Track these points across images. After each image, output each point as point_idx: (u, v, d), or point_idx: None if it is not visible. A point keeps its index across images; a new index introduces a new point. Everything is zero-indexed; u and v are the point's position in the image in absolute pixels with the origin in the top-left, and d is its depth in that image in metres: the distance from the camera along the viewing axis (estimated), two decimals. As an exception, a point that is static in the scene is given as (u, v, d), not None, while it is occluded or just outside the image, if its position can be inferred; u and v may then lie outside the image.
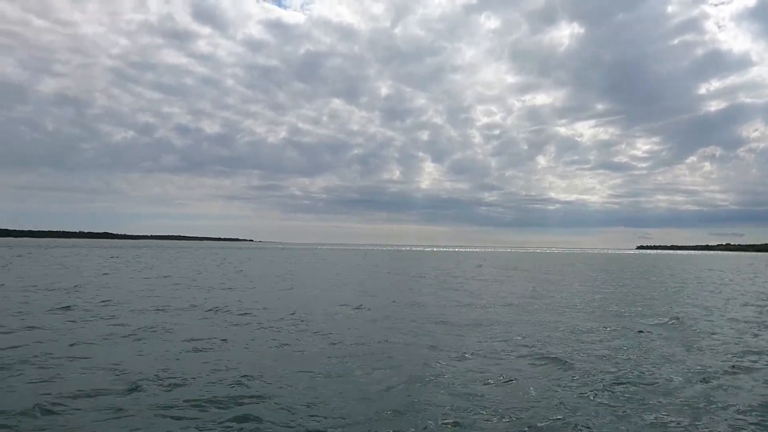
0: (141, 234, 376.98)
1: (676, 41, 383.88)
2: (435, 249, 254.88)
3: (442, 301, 23.19)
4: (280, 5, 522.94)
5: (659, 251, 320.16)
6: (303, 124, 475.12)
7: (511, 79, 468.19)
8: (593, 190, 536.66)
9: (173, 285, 29.20)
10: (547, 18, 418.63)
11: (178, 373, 10.06)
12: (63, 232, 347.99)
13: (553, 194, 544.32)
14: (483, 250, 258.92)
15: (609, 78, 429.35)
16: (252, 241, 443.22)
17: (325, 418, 7.84)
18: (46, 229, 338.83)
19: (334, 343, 13.27)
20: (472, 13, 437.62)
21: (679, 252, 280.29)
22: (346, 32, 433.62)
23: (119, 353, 11.75)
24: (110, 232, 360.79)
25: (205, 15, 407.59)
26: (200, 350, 12.27)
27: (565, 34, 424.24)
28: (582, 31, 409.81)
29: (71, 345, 12.49)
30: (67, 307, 18.76)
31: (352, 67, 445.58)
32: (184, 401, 8.45)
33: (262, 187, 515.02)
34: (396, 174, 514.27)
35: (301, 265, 56.20)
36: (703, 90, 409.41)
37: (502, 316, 18.83)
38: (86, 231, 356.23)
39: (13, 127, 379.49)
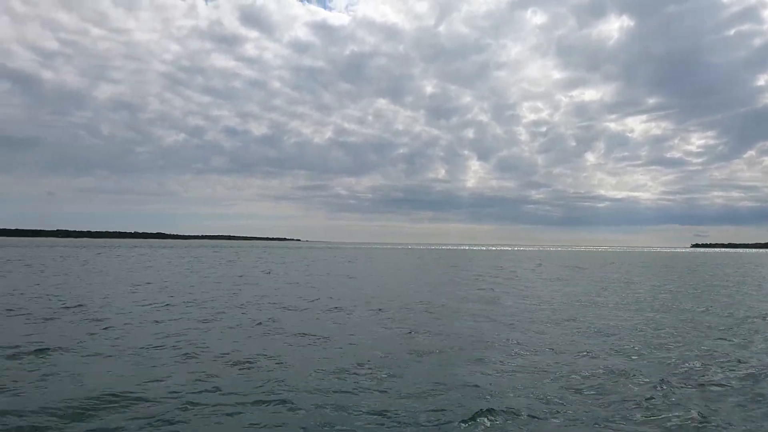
0: (192, 234, 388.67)
1: (732, 32, 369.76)
2: (483, 248, 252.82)
3: (537, 302, 23.37)
4: (325, 7, 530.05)
5: (716, 249, 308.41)
6: (348, 124, 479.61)
7: (558, 74, 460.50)
8: (645, 186, 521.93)
9: (308, 286, 30.26)
10: (595, 11, 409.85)
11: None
12: (119, 232, 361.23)
13: (602, 191, 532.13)
14: (532, 248, 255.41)
15: (661, 71, 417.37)
16: (299, 240, 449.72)
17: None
18: (103, 230, 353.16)
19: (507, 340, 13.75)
20: (518, 9, 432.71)
21: (737, 250, 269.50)
22: (390, 32, 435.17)
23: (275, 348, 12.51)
24: (163, 232, 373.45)
25: (253, 19, 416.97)
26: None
27: (615, 27, 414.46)
28: (632, 24, 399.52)
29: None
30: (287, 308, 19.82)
31: (397, 67, 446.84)
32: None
33: (309, 187, 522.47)
34: (441, 173, 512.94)
35: (375, 265, 57.05)
36: (761, 81, 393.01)
37: (614, 318, 18.91)
38: (141, 231, 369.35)
39: (73, 132, 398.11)
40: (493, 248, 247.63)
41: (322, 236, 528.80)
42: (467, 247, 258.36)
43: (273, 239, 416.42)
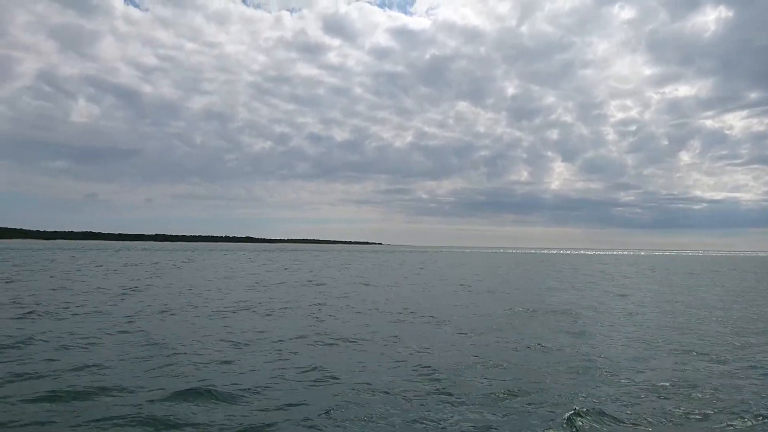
0: (278, 238, 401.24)
1: None
2: (571, 252, 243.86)
3: (703, 312, 21.56)
4: (405, 12, 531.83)
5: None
6: (429, 127, 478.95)
7: (648, 70, 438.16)
8: (746, 187, 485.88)
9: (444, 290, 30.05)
10: (688, 3, 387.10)
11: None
12: (211, 236, 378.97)
13: (698, 192, 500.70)
14: (625, 252, 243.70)
15: (763, 63, 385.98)
16: (380, 244, 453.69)
17: None
18: (197, 234, 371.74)
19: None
20: (605, 5, 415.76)
21: None
22: (471, 34, 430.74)
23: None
24: (251, 236, 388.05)
25: (335, 27, 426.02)
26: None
27: (711, 18, 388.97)
28: (730, 14, 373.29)
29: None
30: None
31: (478, 69, 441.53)
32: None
33: (390, 191, 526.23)
34: (524, 175, 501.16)
35: (473, 269, 56.00)
36: None
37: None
38: (230, 235, 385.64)
39: (169, 141, 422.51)
40: (582, 252, 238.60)
41: (402, 240, 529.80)
42: (557, 251, 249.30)
43: (355, 243, 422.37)
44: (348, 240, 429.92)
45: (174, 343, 12.76)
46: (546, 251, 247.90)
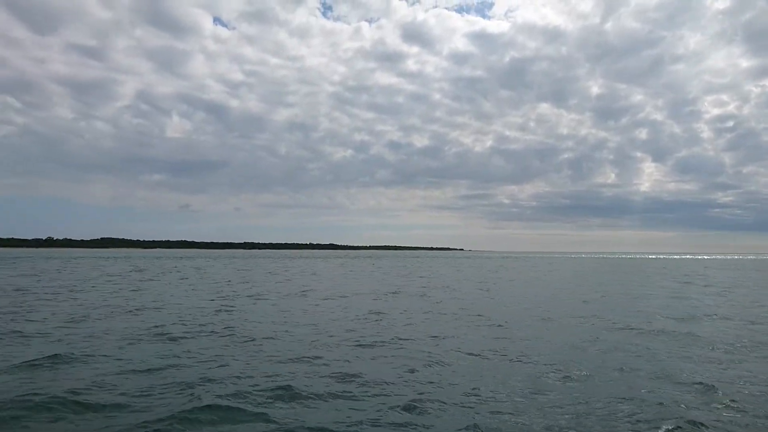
0: (360, 245, 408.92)
1: None
2: (667, 256, 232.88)
3: None
4: (484, 16, 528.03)
5: None
6: (509, 131, 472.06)
7: (745, 63, 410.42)
8: None
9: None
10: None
11: None
12: (296, 243, 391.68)
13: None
14: (730, 257, 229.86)
15: None
16: (462, 250, 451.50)
17: None
18: (282, 242, 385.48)
19: None
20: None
21: None
22: (552, 34, 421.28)
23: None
24: (335, 243, 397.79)
25: (413, 35, 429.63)
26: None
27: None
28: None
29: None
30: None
31: (560, 69, 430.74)
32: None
33: (470, 196, 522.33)
34: (611, 177, 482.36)
35: (585, 276, 56.06)
36: None
37: None
38: (314, 243, 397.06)
39: (256, 153, 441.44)
40: (680, 257, 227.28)
41: (484, 245, 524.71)
42: (654, 256, 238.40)
43: (436, 249, 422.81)
44: (429, 246, 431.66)
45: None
46: (639, 256, 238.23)
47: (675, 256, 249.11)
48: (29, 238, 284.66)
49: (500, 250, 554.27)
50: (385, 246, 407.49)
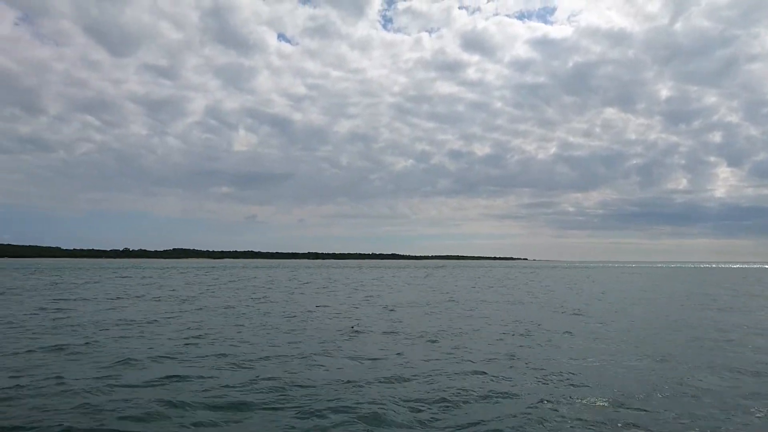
0: (423, 254, 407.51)
1: None
2: (746, 266, 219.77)
3: None
4: (546, 22, 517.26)
5: None
6: (574, 137, 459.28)
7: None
8: None
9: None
10: None
11: None
12: (359, 254, 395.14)
13: None
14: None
15: None
16: (526, 259, 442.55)
17: None
18: (345, 252, 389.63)
19: None
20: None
21: None
22: (617, 37, 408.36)
23: None
24: (397, 253, 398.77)
25: (474, 44, 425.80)
26: None
27: None
28: None
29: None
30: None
31: (626, 73, 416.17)
32: None
33: (534, 204, 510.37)
34: (682, 183, 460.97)
35: (682, 285, 53.79)
36: None
37: None
38: (377, 252, 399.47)
39: (318, 164, 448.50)
40: (758, 266, 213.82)
41: (549, 255, 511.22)
42: (738, 266, 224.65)
43: (500, 258, 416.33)
44: (492, 256, 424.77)
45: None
46: (715, 265, 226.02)
47: (755, 266, 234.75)
48: (108, 249, 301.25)
49: (566, 259, 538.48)
50: (448, 256, 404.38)
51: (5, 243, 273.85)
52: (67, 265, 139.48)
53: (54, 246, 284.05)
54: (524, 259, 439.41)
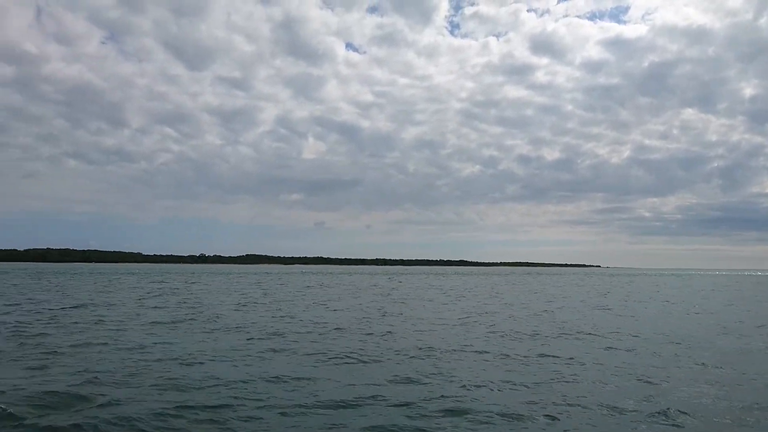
0: (491, 261, 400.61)
1: None
2: None
3: None
4: (618, 21, 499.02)
5: None
6: (650, 140, 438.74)
7: None
8: None
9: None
10: None
11: None
12: (426, 260, 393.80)
13: None
14: None
15: None
16: (599, 266, 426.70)
17: None
18: (413, 258, 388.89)
19: None
20: None
21: None
22: (696, 35, 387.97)
23: None
24: (465, 259, 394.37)
25: (543, 47, 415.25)
26: None
27: None
28: None
29: None
30: None
31: (706, 72, 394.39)
32: None
33: (607, 210, 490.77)
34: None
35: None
36: None
37: None
38: (444, 259, 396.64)
39: (385, 171, 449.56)
40: None
41: (624, 262, 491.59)
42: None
43: (572, 265, 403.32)
44: (564, 263, 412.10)
45: None
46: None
47: None
48: (185, 255, 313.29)
49: (642, 266, 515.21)
50: (517, 262, 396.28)
51: (92, 249, 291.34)
52: (171, 269, 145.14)
53: (135, 251, 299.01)
54: (597, 266, 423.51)
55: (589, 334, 19.85)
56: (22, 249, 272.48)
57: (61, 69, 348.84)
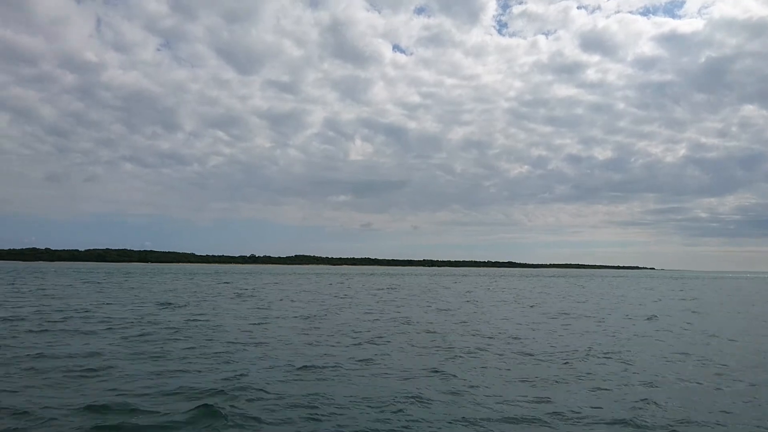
0: (540, 263, 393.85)
1: None
2: None
3: None
4: (673, 16, 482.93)
5: None
6: (706, 138, 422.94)
7: None
8: None
9: None
10: None
11: None
12: (474, 261, 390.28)
13: None
14: None
15: None
16: (653, 269, 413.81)
17: None
18: (460, 259, 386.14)
19: None
20: None
21: None
22: (757, 28, 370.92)
23: None
24: (514, 261, 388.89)
25: (594, 44, 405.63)
26: None
27: None
28: None
29: None
30: None
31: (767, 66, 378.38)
32: None
33: (661, 210, 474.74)
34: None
35: None
36: None
37: None
38: (492, 260, 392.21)
39: (432, 172, 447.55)
40: None
41: (679, 264, 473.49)
42: None
43: (623, 267, 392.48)
44: (614, 264, 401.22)
45: None
46: None
47: None
48: (236, 255, 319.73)
49: (699, 269, 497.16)
50: (567, 264, 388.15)
51: (148, 249, 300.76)
52: (228, 270, 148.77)
53: (189, 252, 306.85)
54: (651, 268, 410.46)
55: None
56: (83, 249, 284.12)
57: (118, 76, 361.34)
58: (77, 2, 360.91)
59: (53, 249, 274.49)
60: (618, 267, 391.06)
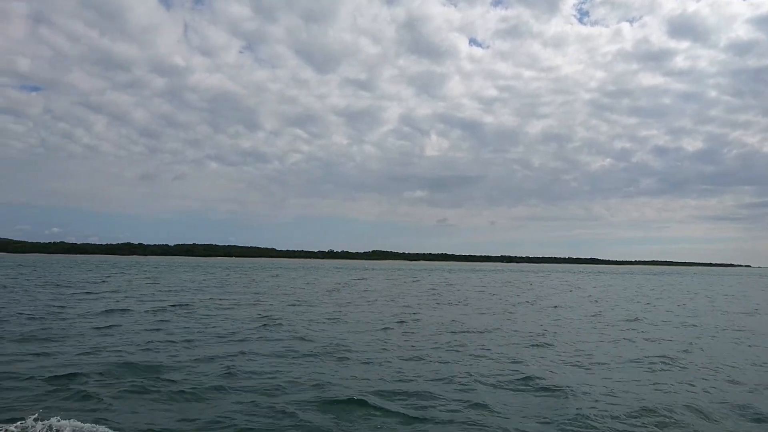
0: (624, 259, 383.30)
1: None
2: None
3: None
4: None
5: None
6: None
7: None
8: None
9: None
10: None
11: None
12: (554, 257, 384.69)
13: None
14: None
15: None
16: (749, 266, 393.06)
17: None
18: (539, 255, 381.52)
19: None
20: None
21: None
22: None
23: None
24: (596, 257, 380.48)
25: (683, 29, 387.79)
26: None
27: None
28: None
29: None
30: None
31: None
32: None
33: (757, 204, 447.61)
34: None
35: None
36: None
37: None
38: (574, 257, 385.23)
39: (509, 166, 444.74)
40: None
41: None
42: None
43: (715, 265, 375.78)
44: (705, 261, 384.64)
45: None
46: None
47: None
48: (315, 251, 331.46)
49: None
50: (654, 261, 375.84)
51: (232, 244, 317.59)
52: (315, 265, 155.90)
53: (270, 247, 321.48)
54: (747, 266, 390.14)
55: None
56: (172, 244, 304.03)
57: (204, 79, 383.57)
58: (167, 9, 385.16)
59: (146, 244, 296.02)
60: (710, 264, 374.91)
